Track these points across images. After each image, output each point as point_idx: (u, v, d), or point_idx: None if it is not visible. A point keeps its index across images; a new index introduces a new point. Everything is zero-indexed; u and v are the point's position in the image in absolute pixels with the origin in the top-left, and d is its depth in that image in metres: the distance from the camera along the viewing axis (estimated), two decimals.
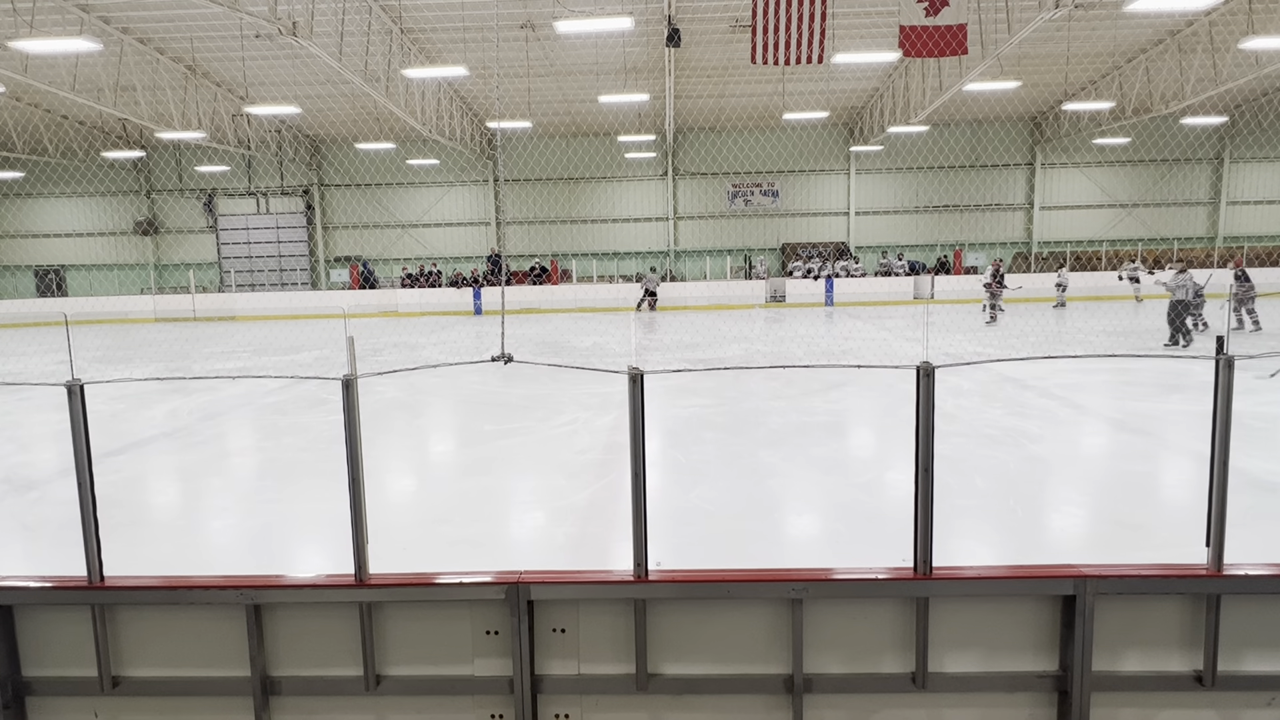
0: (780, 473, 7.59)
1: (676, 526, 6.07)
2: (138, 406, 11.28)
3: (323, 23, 15.79)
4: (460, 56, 19.71)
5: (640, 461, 3.41)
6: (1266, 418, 8.75)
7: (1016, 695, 3.56)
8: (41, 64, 18.31)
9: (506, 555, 5.74)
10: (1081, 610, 3.38)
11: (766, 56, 12.73)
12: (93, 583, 3.57)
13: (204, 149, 27.76)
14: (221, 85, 23.30)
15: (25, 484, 7.82)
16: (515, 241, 30.86)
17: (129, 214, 30.89)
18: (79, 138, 26.97)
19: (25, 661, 3.70)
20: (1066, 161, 29.47)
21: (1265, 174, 28.96)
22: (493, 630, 3.56)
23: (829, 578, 3.53)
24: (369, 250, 31.15)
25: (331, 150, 30.70)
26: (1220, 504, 3.35)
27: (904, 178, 30.02)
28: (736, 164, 29.49)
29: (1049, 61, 21.90)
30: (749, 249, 30.63)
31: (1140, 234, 29.40)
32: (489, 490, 7.34)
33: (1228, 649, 3.45)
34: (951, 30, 12.55)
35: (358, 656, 3.59)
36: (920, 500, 3.41)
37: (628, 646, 3.56)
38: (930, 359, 3.39)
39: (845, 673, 3.57)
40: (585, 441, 8.85)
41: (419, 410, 11.15)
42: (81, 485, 3.50)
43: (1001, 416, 9.58)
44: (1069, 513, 6.52)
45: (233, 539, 6.35)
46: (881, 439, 9.12)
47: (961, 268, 28.92)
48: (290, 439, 9.54)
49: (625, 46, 19.74)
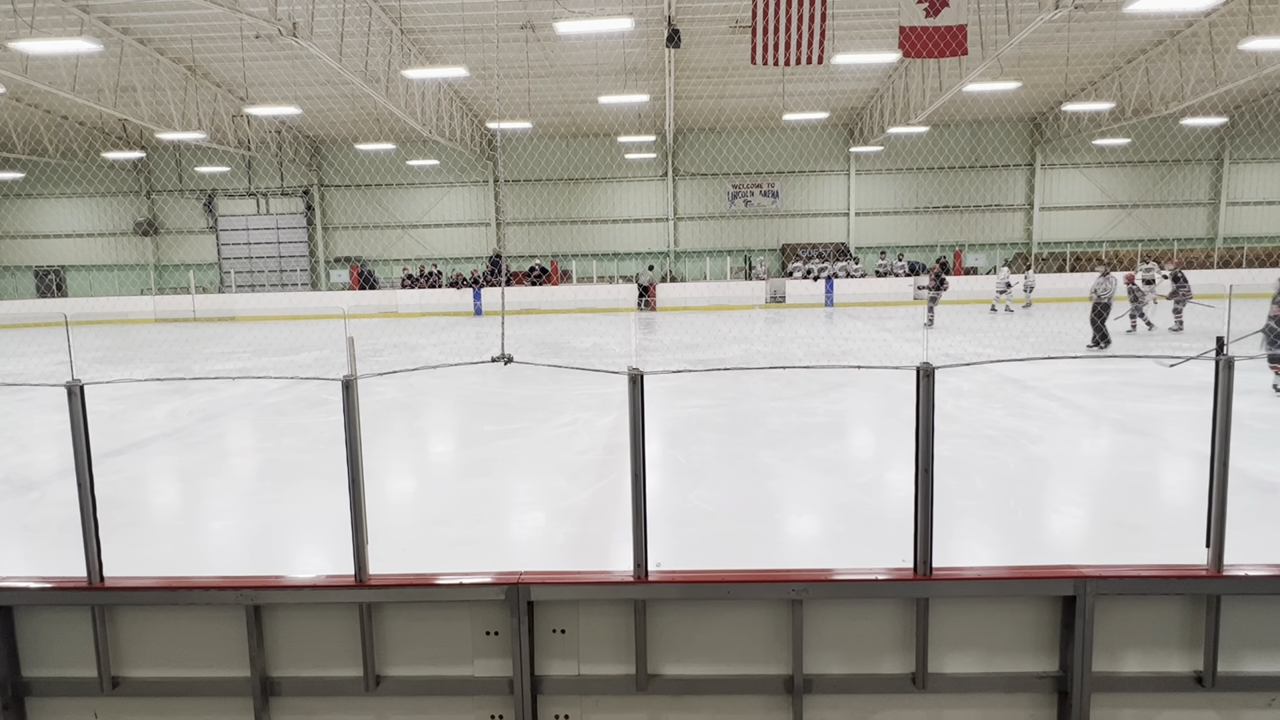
0: (780, 473, 7.59)
1: (676, 527, 6.07)
2: (138, 407, 11.28)
3: (323, 23, 15.80)
4: (460, 57, 19.71)
5: (640, 462, 3.41)
6: (1267, 418, 8.76)
7: (1016, 696, 3.56)
8: (42, 65, 18.32)
9: (506, 556, 5.74)
10: (1081, 611, 3.38)
11: (766, 57, 12.74)
12: (92, 583, 3.57)
13: (204, 149, 27.77)
14: (221, 86, 23.31)
15: (25, 484, 7.82)
16: (515, 242, 30.86)
17: (129, 214, 30.89)
18: (79, 138, 26.98)
19: (25, 662, 3.70)
20: (1066, 162, 29.48)
21: (1265, 175, 28.96)
22: (493, 631, 3.56)
23: (829, 578, 3.53)
24: (369, 251, 31.15)
25: (331, 151, 30.71)
26: (1220, 504, 3.35)
27: (904, 178, 30.03)
28: (736, 164, 29.49)
29: (1049, 62, 21.91)
30: (749, 249, 30.63)
31: (1140, 234, 29.41)
32: (489, 491, 7.34)
33: (1228, 650, 3.45)
34: (951, 31, 12.55)
35: (357, 657, 3.59)
36: (920, 501, 3.40)
37: (628, 647, 3.56)
38: (930, 359, 3.39)
39: (845, 673, 3.57)
40: (585, 442, 8.85)
41: (419, 411, 11.15)
42: (81, 486, 3.50)
43: (1001, 417, 9.58)
44: (1069, 513, 6.52)
45: (233, 539, 6.35)
46: (881, 440, 9.12)
47: (961, 268, 28.93)
48: (290, 440, 9.54)
49: (625, 47, 19.74)
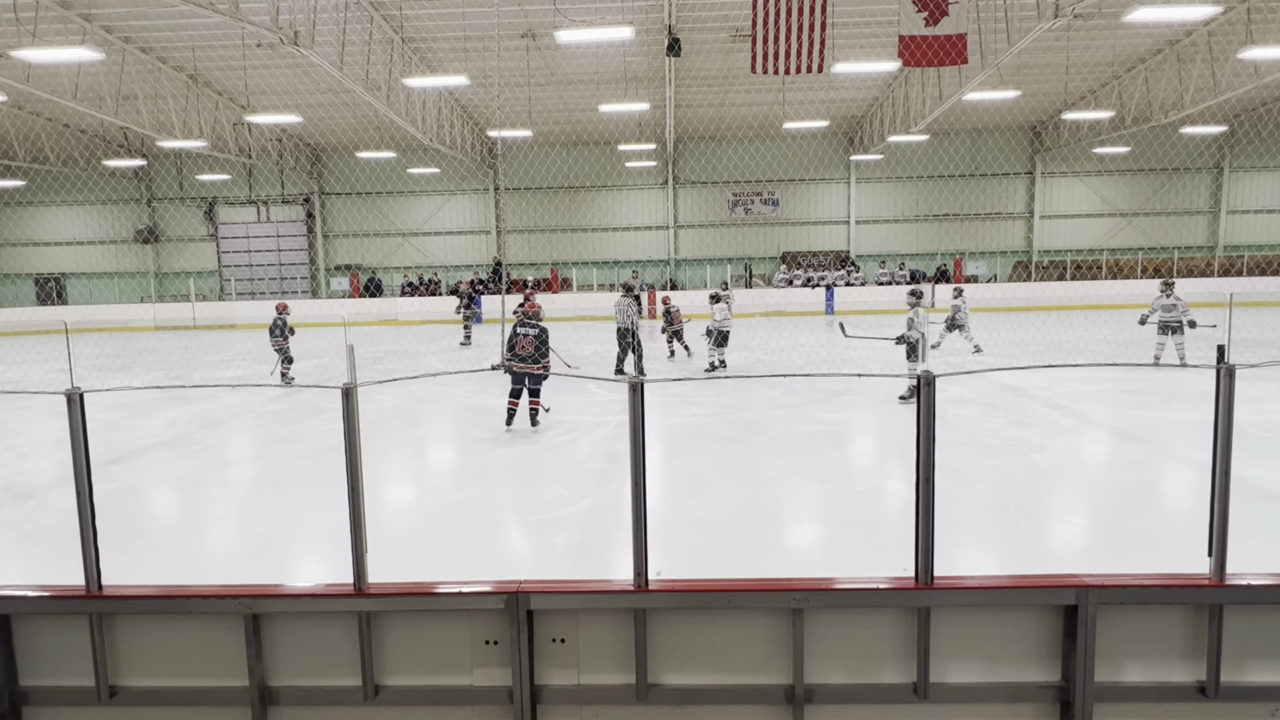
0: (781, 482, 7.58)
1: (677, 536, 6.05)
2: (137, 415, 11.27)
3: (324, 32, 15.84)
4: (461, 66, 19.76)
5: (640, 470, 3.40)
6: (1268, 427, 8.74)
7: (1018, 706, 3.54)
8: (44, 73, 18.36)
9: (506, 565, 5.72)
10: (1083, 620, 3.37)
11: (767, 66, 12.77)
12: (91, 592, 3.55)
13: (205, 157, 27.83)
14: (223, 94, 23.38)
15: (24, 492, 7.80)
16: (516, 250, 30.88)
17: (130, 222, 30.94)
18: (80, 146, 27.03)
19: (22, 671, 3.68)
20: (1066, 170, 29.52)
21: (1265, 183, 29.01)
22: (492, 640, 3.55)
23: (830, 587, 3.52)
24: (369, 259, 31.18)
25: (332, 159, 30.77)
26: (1222, 513, 3.34)
27: (904, 187, 30.07)
28: (737, 173, 29.54)
29: (1049, 71, 21.97)
30: (749, 258, 30.66)
31: (1140, 243, 29.44)
32: (488, 499, 7.32)
33: (1230, 659, 3.43)
34: (951, 40, 12.59)
35: (356, 666, 3.57)
36: (921, 509, 3.39)
37: (628, 656, 3.54)
38: (931, 368, 3.38)
39: (846, 683, 3.55)
40: (585, 450, 8.84)
41: (419, 419, 11.13)
42: (80, 494, 3.49)
43: (1002, 425, 9.56)
44: (1070, 522, 6.50)
45: (231, 548, 6.33)
46: (882, 448, 9.11)
47: (962, 276, 28.94)
48: (289, 448, 9.52)
49: (626, 56, 19.79)
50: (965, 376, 12.01)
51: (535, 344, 9.21)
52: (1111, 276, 27.56)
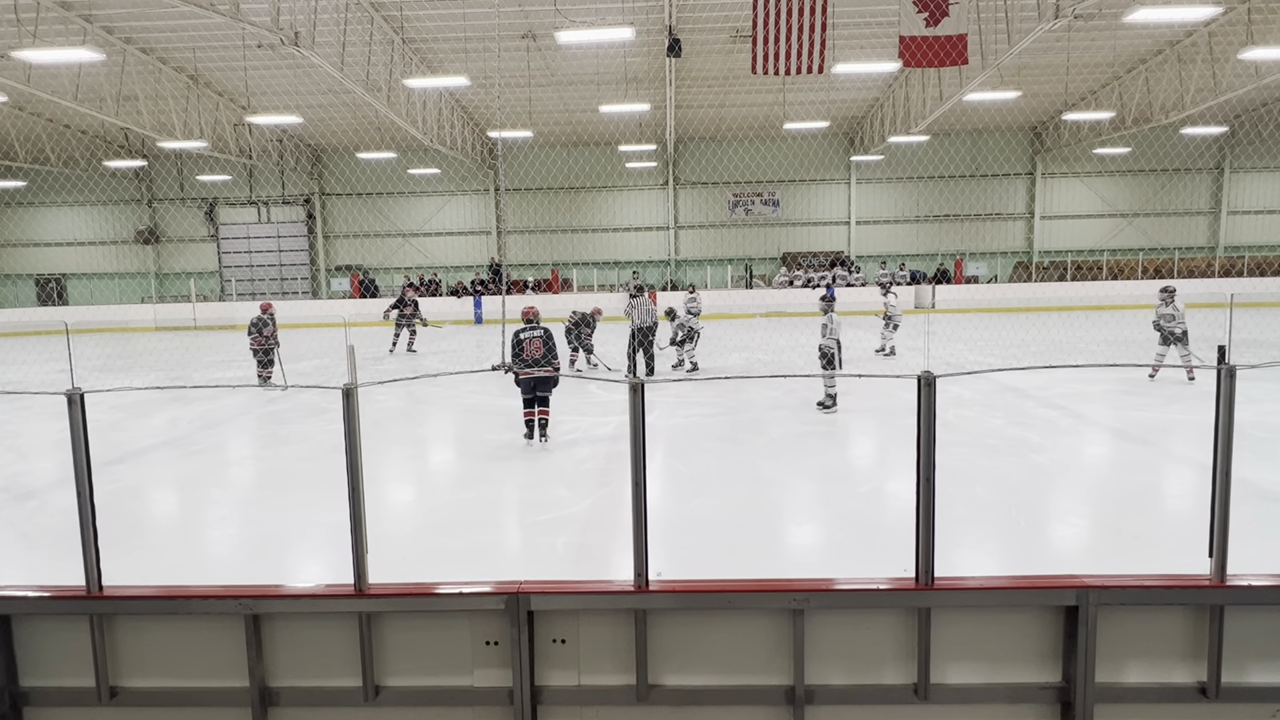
0: (781, 482, 7.57)
1: (677, 536, 6.05)
2: (137, 415, 11.26)
3: (324, 33, 15.85)
4: (461, 66, 19.76)
5: (641, 471, 3.40)
6: (1269, 427, 8.73)
7: (1019, 707, 3.54)
8: (44, 74, 18.37)
9: (506, 565, 5.72)
10: (1084, 621, 3.37)
11: (767, 66, 12.77)
12: (91, 592, 3.55)
13: (205, 158, 27.84)
14: (223, 95, 23.38)
15: (24, 493, 7.80)
16: (516, 251, 30.88)
17: (130, 223, 30.95)
18: (81, 147, 27.03)
19: (23, 672, 3.68)
20: (1067, 171, 29.52)
21: (1266, 184, 29.00)
22: (492, 641, 3.55)
23: (830, 588, 3.52)
24: (370, 259, 31.18)
25: (333, 159, 30.78)
26: (1223, 514, 3.34)
27: (905, 187, 30.06)
28: (737, 173, 29.53)
29: (1049, 71, 21.97)
30: (750, 258, 30.65)
31: (1141, 244, 29.43)
32: (489, 500, 7.32)
33: (1231, 660, 3.43)
34: (952, 40, 12.58)
35: (357, 667, 3.57)
36: (922, 510, 3.39)
37: (628, 657, 3.54)
38: (931, 368, 3.38)
39: (847, 684, 3.55)
40: (585, 451, 8.83)
41: (419, 419, 11.13)
42: (81, 494, 3.49)
43: (1003, 426, 9.56)
44: (1071, 523, 6.50)
45: (232, 548, 6.33)
46: (882, 448, 9.10)
47: (962, 277, 28.94)
48: (290, 448, 9.52)
49: (626, 57, 19.80)
50: (965, 377, 12.02)
51: (544, 345, 9.04)
52: (1112, 277, 27.54)
